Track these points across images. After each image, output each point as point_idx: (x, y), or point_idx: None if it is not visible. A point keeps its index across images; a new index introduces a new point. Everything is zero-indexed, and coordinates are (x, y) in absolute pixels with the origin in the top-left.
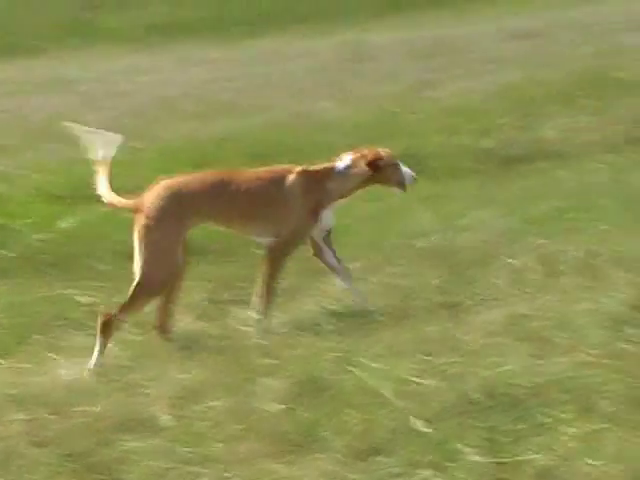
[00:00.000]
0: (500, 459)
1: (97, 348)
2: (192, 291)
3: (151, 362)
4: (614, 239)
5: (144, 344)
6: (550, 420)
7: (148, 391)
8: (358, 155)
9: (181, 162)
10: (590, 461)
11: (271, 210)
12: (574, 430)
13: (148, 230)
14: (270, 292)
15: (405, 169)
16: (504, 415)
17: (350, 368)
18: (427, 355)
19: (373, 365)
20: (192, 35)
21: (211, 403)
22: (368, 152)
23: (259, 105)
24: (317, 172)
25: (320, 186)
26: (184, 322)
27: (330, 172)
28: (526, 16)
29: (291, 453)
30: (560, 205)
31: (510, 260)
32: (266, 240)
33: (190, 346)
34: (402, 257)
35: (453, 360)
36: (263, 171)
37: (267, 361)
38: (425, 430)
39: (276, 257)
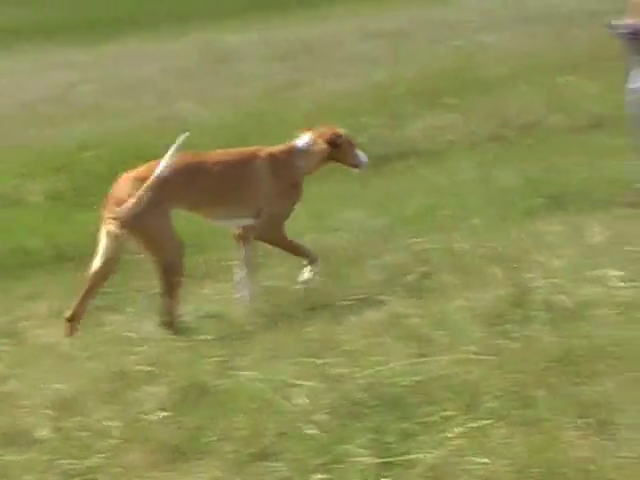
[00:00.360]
0: (389, 459)
1: None
2: (62, 297)
3: (27, 372)
4: (485, 235)
5: (18, 354)
6: (435, 418)
7: (25, 402)
8: (317, 133)
9: (42, 166)
10: (477, 458)
11: (241, 193)
12: (459, 427)
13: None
14: (300, 251)
15: (360, 153)
16: (389, 414)
17: (233, 372)
18: (309, 357)
19: (255, 368)
20: (51, 38)
21: (91, 413)
22: (326, 130)
23: (121, 108)
24: (282, 152)
25: (287, 165)
26: (59, 330)
27: (292, 150)
28: (387, 16)
29: (177, 461)
30: (430, 203)
31: (384, 259)
32: (235, 224)
33: (67, 355)
34: (277, 259)
35: (334, 361)
36: (231, 154)
37: (147, 368)
38: (312, 432)
39: (268, 239)
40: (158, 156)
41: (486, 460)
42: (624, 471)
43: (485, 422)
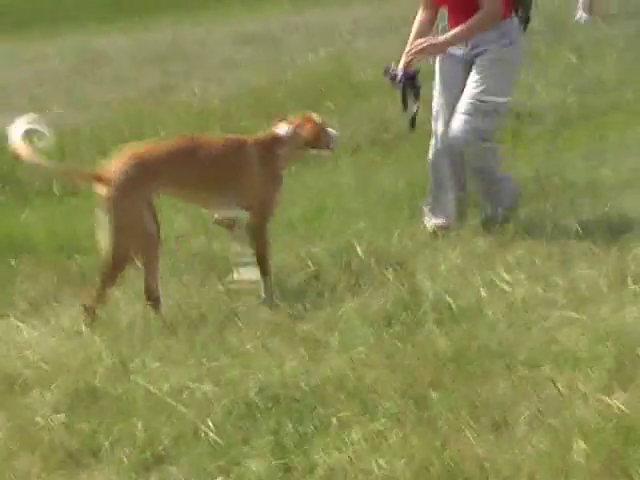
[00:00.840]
0: (287, 461)
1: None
2: None
3: None
4: (371, 238)
5: None
6: (333, 420)
7: None
8: (295, 122)
9: None
10: (378, 460)
11: (231, 180)
12: (358, 429)
13: (115, 200)
14: (267, 266)
15: (331, 130)
16: (286, 417)
17: (125, 376)
18: (201, 359)
19: (150, 371)
20: None
21: None
22: (303, 118)
23: None
24: (267, 140)
25: (273, 153)
26: None
27: (278, 139)
28: (260, 20)
29: (71, 466)
30: (313, 207)
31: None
32: (226, 213)
33: None
34: (164, 264)
35: (227, 363)
36: (220, 140)
37: (36, 372)
38: (210, 436)
39: (257, 233)
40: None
41: (384, 461)
42: (519, 468)
43: (382, 423)
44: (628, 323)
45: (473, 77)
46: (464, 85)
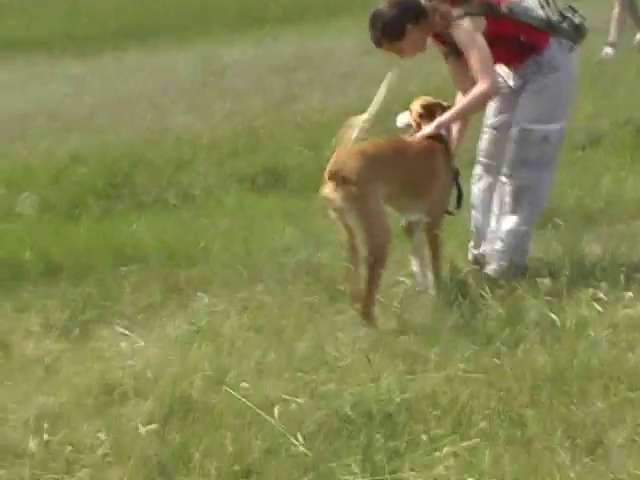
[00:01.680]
0: (377, 477)
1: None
2: (52, 310)
3: (13, 385)
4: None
5: (5, 367)
6: (424, 437)
7: (10, 416)
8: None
9: (34, 178)
10: (467, 478)
11: (428, 183)
12: (449, 446)
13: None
14: (439, 267)
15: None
16: (377, 432)
17: (221, 387)
18: (298, 372)
19: (245, 384)
20: (47, 50)
21: (77, 427)
22: (426, 103)
23: (115, 121)
24: (438, 140)
25: (449, 153)
26: (45, 342)
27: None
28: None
29: (162, 476)
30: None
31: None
32: (415, 217)
33: (53, 367)
34: (269, 273)
35: (324, 377)
36: (418, 142)
37: (134, 382)
38: (300, 450)
39: (437, 235)
40: (152, 168)
41: None
42: None
43: (474, 442)
44: None
45: (519, 106)
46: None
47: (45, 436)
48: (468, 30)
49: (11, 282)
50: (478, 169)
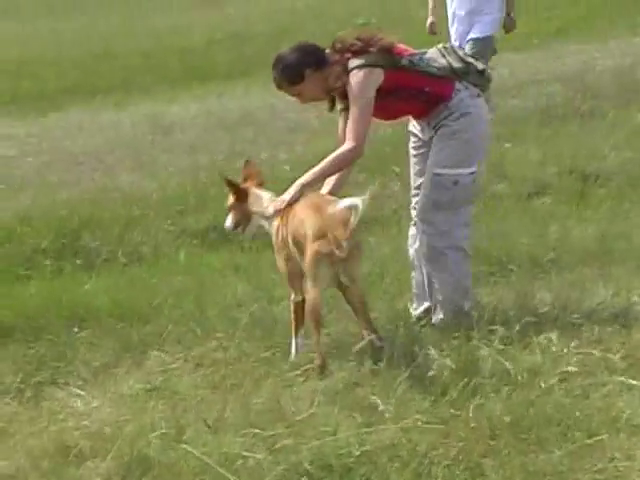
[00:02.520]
0: None
1: None
2: (3, 373)
3: None
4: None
5: None
6: None
7: None
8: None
9: None
10: None
11: None
12: None
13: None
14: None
15: None
16: None
17: (179, 445)
18: (256, 428)
19: (202, 441)
20: None
21: None
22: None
23: (64, 180)
24: None
25: None
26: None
27: None
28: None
29: None
30: (376, 271)
31: (331, 328)
32: None
33: (6, 430)
34: (222, 329)
35: (282, 431)
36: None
37: (90, 442)
38: None
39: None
40: (102, 226)
41: None
42: None
43: None
44: None
45: (431, 153)
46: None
47: None
48: (361, 82)
49: None
50: (412, 230)
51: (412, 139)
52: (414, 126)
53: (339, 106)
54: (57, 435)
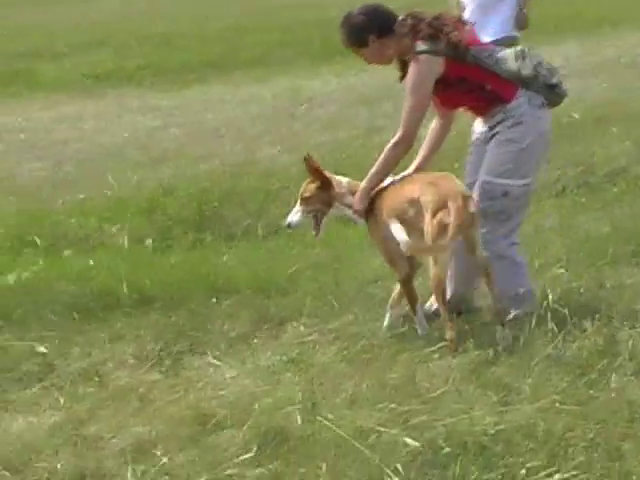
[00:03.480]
0: None
1: None
2: (144, 341)
3: (108, 415)
4: (570, 284)
5: (99, 397)
6: (520, 469)
7: (105, 445)
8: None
9: (126, 210)
10: None
11: None
12: (545, 478)
13: None
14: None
15: None
16: (472, 464)
17: (314, 418)
18: (391, 403)
19: (338, 414)
20: (135, 83)
21: (172, 456)
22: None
23: (206, 153)
24: None
25: None
26: (138, 373)
27: None
28: None
29: None
30: None
31: (470, 305)
32: None
33: (146, 397)
34: (358, 304)
35: (417, 408)
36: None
37: (228, 412)
38: None
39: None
40: (241, 199)
41: None
42: None
43: (571, 474)
44: None
45: (485, 158)
46: None
47: (142, 466)
48: (421, 71)
49: (105, 312)
50: None
51: (474, 135)
52: (477, 122)
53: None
54: (195, 404)
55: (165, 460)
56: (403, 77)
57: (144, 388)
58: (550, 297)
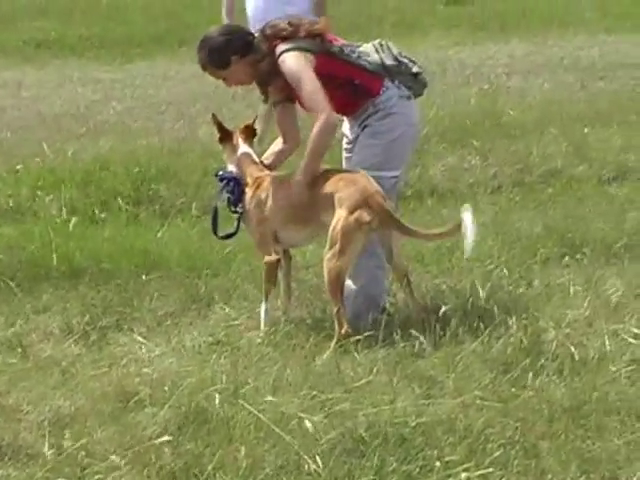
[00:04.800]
0: None
1: None
2: (71, 314)
3: (29, 387)
4: (500, 281)
5: (21, 368)
6: (438, 462)
7: (24, 417)
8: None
9: (60, 181)
10: None
11: None
12: (461, 473)
13: None
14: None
15: None
16: (391, 455)
17: (237, 401)
18: (313, 390)
19: (261, 398)
20: (77, 54)
21: (91, 431)
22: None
23: (146, 128)
24: None
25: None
26: (63, 346)
27: None
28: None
29: None
30: (447, 245)
31: (395, 298)
32: None
33: (69, 371)
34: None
35: (339, 396)
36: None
37: (151, 390)
38: (312, 468)
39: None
40: (178, 177)
41: None
42: None
43: (489, 471)
44: None
45: (355, 153)
46: None
47: (60, 440)
48: (295, 62)
49: (32, 283)
50: None
51: (344, 139)
52: (345, 126)
53: (272, 99)
54: (118, 380)
55: (83, 435)
56: (267, 98)
57: (67, 361)
58: (480, 293)
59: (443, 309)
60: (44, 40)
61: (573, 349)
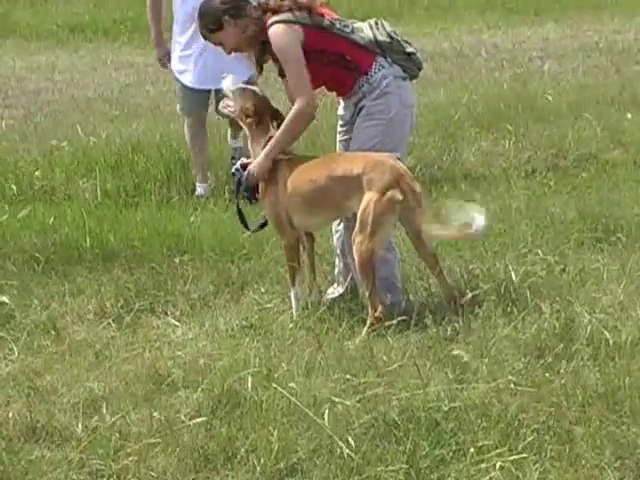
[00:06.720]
0: None
1: None
2: (104, 297)
3: (63, 369)
4: (534, 266)
5: (55, 350)
6: (470, 447)
7: (58, 399)
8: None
9: (94, 164)
10: None
11: None
12: (495, 458)
13: None
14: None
15: None
16: (423, 439)
17: (270, 384)
18: (346, 374)
19: (293, 382)
20: (111, 38)
21: (124, 413)
22: (258, 104)
23: (176, 112)
24: None
25: None
26: (96, 328)
27: None
28: (445, 38)
29: (206, 469)
30: None
31: (432, 281)
32: None
33: (102, 353)
34: (320, 273)
35: (372, 380)
36: None
37: (184, 373)
38: (345, 452)
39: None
40: (214, 163)
41: None
42: None
43: (521, 455)
44: None
45: (352, 137)
46: None
47: (93, 421)
48: (283, 39)
49: (67, 266)
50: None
51: (339, 122)
52: (340, 107)
53: (279, 71)
54: (151, 363)
55: (117, 417)
56: (261, 70)
57: (101, 344)
58: (513, 277)
59: (470, 294)
60: (78, 24)
61: (607, 334)
